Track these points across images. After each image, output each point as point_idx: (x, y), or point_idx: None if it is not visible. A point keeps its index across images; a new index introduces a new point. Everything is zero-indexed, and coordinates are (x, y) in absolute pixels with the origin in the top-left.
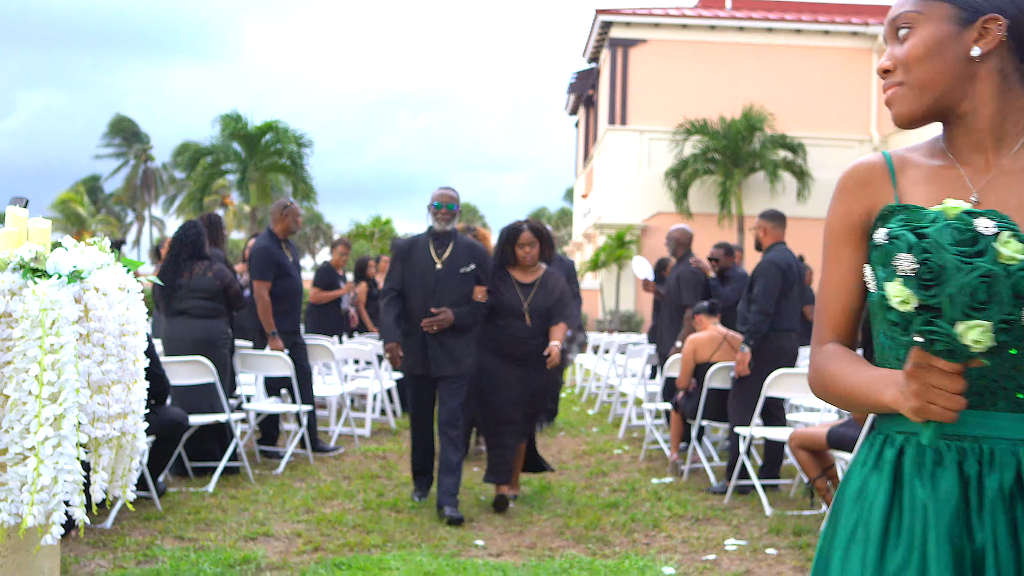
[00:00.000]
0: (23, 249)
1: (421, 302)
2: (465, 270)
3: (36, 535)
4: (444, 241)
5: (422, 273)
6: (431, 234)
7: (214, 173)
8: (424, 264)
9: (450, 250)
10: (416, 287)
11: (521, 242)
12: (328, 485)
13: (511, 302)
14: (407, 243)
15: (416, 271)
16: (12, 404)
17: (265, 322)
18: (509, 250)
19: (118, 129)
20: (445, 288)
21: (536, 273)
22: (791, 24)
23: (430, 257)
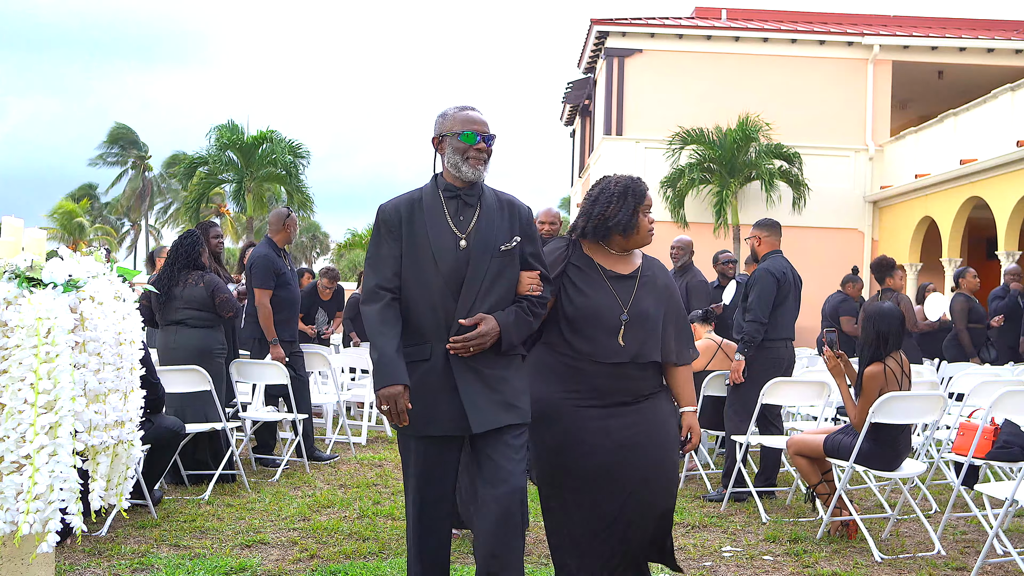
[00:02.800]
0: (19, 259)
1: (436, 307)
2: (507, 246)
3: (32, 543)
4: (468, 200)
5: (435, 257)
6: (444, 189)
7: (210, 183)
8: (438, 241)
9: (478, 214)
10: (426, 282)
11: (647, 205)
12: (324, 493)
13: (601, 305)
14: (402, 206)
15: (423, 254)
16: (7, 412)
17: (267, 330)
18: (623, 216)
19: (116, 137)
20: (477, 279)
21: (635, 261)
22: (787, 34)
23: (446, 228)
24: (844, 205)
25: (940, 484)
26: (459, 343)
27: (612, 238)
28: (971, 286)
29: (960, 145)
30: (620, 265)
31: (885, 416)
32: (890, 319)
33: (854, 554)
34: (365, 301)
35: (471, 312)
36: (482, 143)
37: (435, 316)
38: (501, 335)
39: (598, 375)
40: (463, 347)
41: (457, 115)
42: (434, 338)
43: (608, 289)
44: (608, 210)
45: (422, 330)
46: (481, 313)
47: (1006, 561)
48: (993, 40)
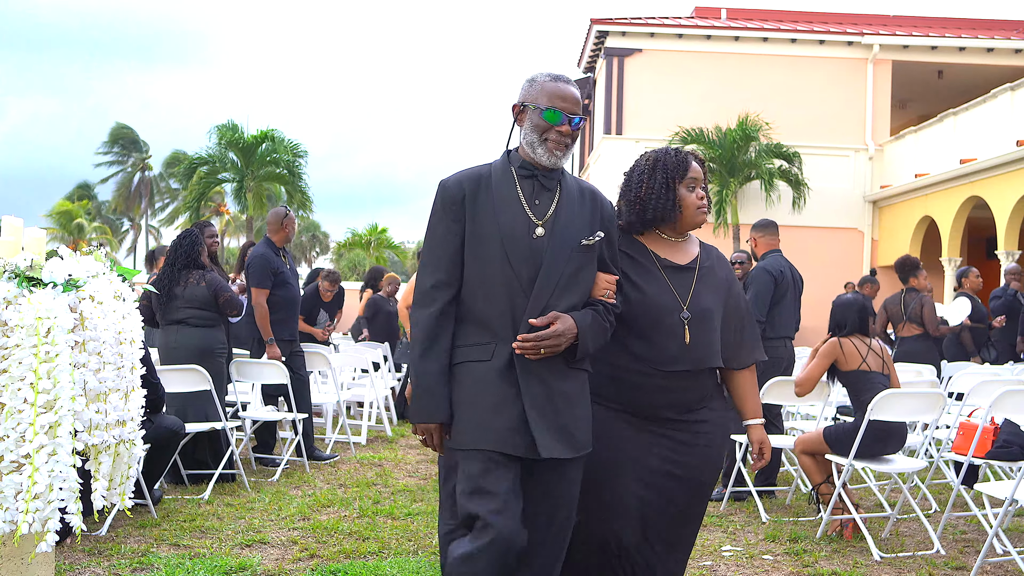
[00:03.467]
0: (18, 258)
1: (503, 303)
2: (588, 240)
3: (31, 542)
4: (546, 183)
5: (505, 244)
6: (520, 167)
7: (210, 182)
8: (509, 226)
9: (558, 200)
10: (492, 274)
11: (692, 177)
12: (324, 492)
13: (658, 301)
14: (466, 182)
15: (490, 240)
16: (7, 412)
17: (263, 329)
18: (659, 197)
19: (117, 137)
20: (553, 274)
21: (693, 249)
22: (786, 34)
23: (520, 212)
24: (844, 205)
25: (940, 483)
26: (529, 343)
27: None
28: (974, 286)
29: (960, 145)
30: (676, 254)
31: (884, 414)
32: (847, 309)
33: (854, 553)
34: (419, 303)
35: (544, 312)
36: (567, 126)
37: (501, 313)
38: (578, 339)
39: (646, 385)
40: (533, 347)
41: (546, 85)
42: (499, 338)
43: (665, 282)
44: (642, 192)
45: (485, 328)
46: (556, 311)
47: (1006, 560)
48: (993, 40)
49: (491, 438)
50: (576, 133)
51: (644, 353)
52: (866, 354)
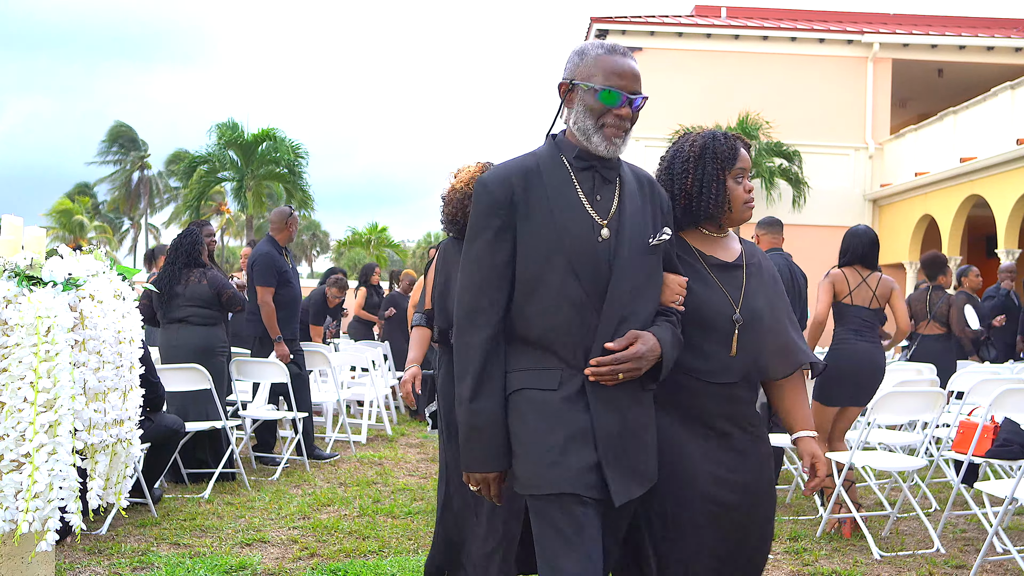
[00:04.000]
0: (18, 257)
1: (571, 321)
2: (658, 240)
3: (31, 541)
4: (607, 174)
5: (568, 251)
6: (576, 157)
7: (210, 181)
8: (572, 228)
9: (619, 193)
10: (555, 286)
11: (741, 167)
12: (324, 491)
13: (708, 303)
14: (514, 176)
15: (550, 247)
16: (7, 411)
17: (270, 328)
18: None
19: (116, 136)
20: (625, 283)
21: (735, 245)
22: (786, 32)
23: (581, 211)
24: (844, 203)
25: (940, 482)
26: (606, 368)
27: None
28: (973, 285)
29: (960, 143)
30: (721, 251)
31: (887, 413)
32: (852, 237)
33: (854, 552)
34: (464, 329)
35: (619, 330)
36: (627, 108)
37: (568, 333)
38: (661, 359)
39: (699, 396)
40: (610, 372)
41: (601, 59)
42: (565, 362)
43: (714, 282)
44: (688, 184)
45: (546, 351)
46: (633, 330)
47: (1006, 559)
48: (993, 38)
49: (568, 479)
50: (636, 116)
51: (692, 362)
52: (855, 286)
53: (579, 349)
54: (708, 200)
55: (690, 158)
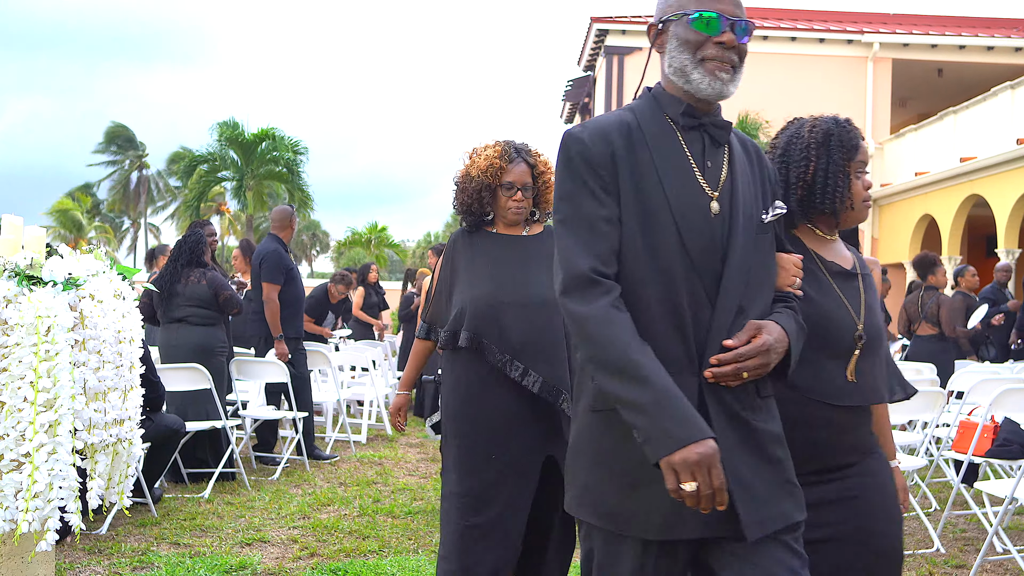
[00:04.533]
0: (18, 256)
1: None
2: (771, 216)
3: (31, 541)
4: (718, 138)
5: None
6: (683, 113)
7: (210, 180)
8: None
9: (728, 159)
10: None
11: (861, 160)
12: (324, 491)
13: (831, 315)
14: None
15: (655, 221)
16: (7, 411)
17: (273, 326)
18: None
19: (113, 136)
20: (742, 267)
21: (843, 249)
22: (786, 32)
23: (691, 179)
24: None
25: (940, 482)
26: (729, 367)
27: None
28: (970, 284)
29: (960, 143)
30: (836, 255)
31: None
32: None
33: None
34: (577, 297)
35: (736, 322)
36: (728, 34)
37: (678, 327)
38: (789, 350)
39: (815, 423)
40: (734, 373)
41: None
42: (676, 364)
43: (836, 293)
44: (809, 173)
45: (655, 350)
46: (754, 320)
47: (1006, 559)
48: (993, 38)
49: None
50: (744, 48)
51: (808, 381)
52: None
53: (691, 347)
54: (831, 193)
55: (811, 144)
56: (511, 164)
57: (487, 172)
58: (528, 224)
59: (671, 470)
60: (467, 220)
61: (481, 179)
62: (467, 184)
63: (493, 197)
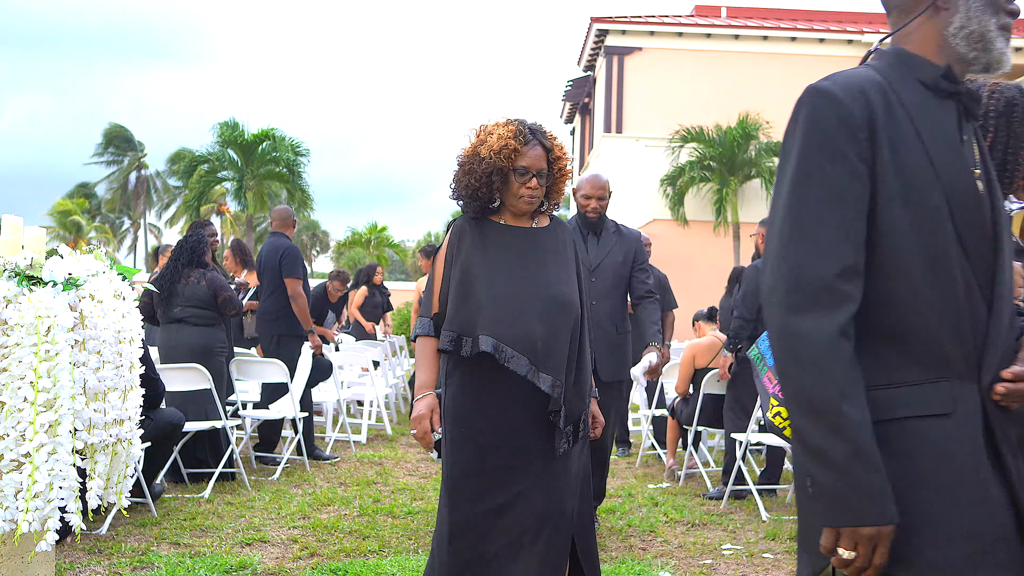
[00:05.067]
0: (18, 257)
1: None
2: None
3: (31, 541)
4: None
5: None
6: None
7: (210, 180)
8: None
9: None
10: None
11: None
12: (324, 491)
13: None
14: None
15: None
16: (7, 411)
17: (304, 320)
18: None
19: (111, 137)
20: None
21: None
22: (786, 32)
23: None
24: None
25: None
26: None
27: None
28: None
29: None
30: None
31: None
32: None
33: None
34: (807, 312)
35: (1013, 324)
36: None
37: (955, 326)
38: None
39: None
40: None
41: None
42: (953, 368)
43: None
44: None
45: (927, 353)
46: None
47: None
48: None
49: (992, 561)
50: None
51: None
52: None
53: (969, 350)
54: (1010, 170)
55: (990, 112)
56: (526, 147)
57: (500, 154)
58: (535, 215)
59: (834, 533)
60: (470, 207)
61: (493, 161)
62: (475, 165)
63: (504, 183)
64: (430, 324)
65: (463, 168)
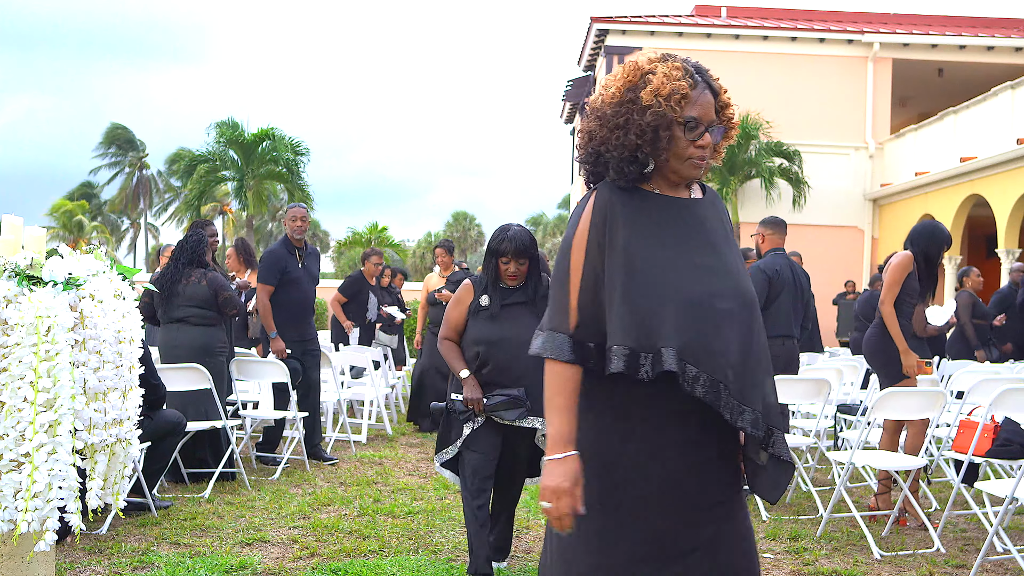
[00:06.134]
0: (18, 257)
1: None
2: None
3: (30, 541)
4: None
5: None
6: None
7: (211, 181)
8: None
9: None
10: None
11: None
12: (324, 491)
13: None
14: None
15: None
16: (7, 410)
17: (265, 323)
18: None
19: (112, 137)
20: None
21: None
22: (786, 32)
23: None
24: (844, 203)
25: (940, 482)
26: None
27: None
28: (975, 284)
29: (960, 143)
30: None
31: (887, 412)
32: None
33: (854, 552)
34: None
35: None
36: None
37: None
38: None
39: None
40: None
41: None
42: None
43: None
44: None
45: None
46: None
47: (1006, 559)
48: (993, 38)
49: None
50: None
51: None
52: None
53: None
54: None
55: None
56: (695, 91)
57: (669, 100)
58: (691, 183)
59: None
60: (624, 173)
61: (660, 110)
62: (634, 116)
63: (671, 140)
64: (567, 342)
65: (613, 120)
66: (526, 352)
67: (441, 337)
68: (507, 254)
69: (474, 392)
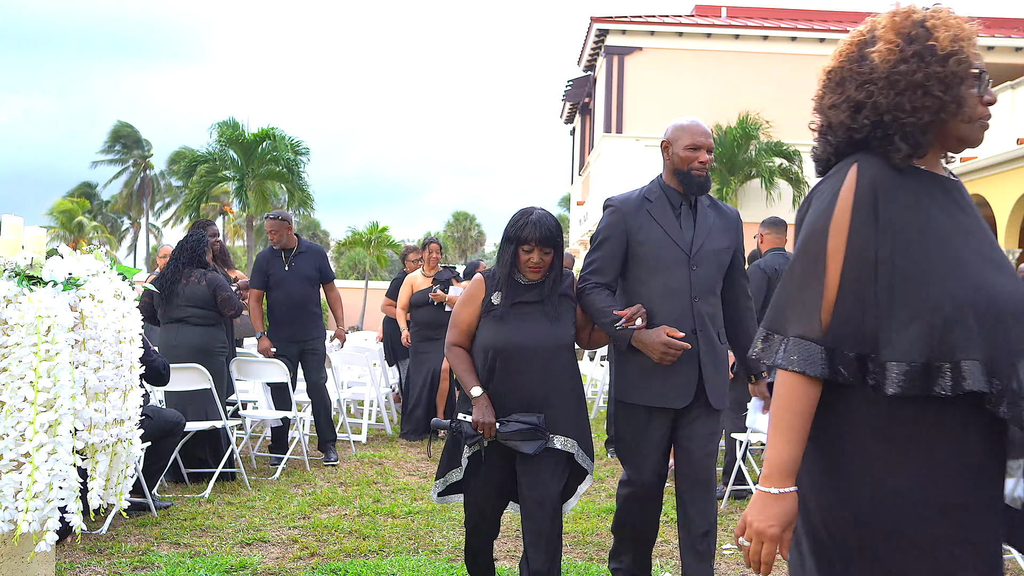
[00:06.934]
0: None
1: None
2: None
3: (31, 541)
4: None
5: None
6: None
7: (211, 181)
8: None
9: None
10: None
11: None
12: (324, 491)
13: None
14: None
15: None
16: (7, 410)
17: (253, 324)
18: None
19: (118, 136)
20: None
21: None
22: (786, 32)
23: None
24: None
25: None
26: None
27: None
28: None
29: None
30: None
31: None
32: None
33: None
34: None
35: None
36: None
37: None
38: None
39: None
40: None
41: None
42: None
43: None
44: None
45: None
46: None
47: (1006, 559)
48: (993, 38)
49: None
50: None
51: None
52: None
53: None
54: None
55: None
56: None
57: (971, 44)
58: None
59: None
60: (916, 146)
61: (964, 56)
62: (937, 67)
63: (958, 105)
64: (820, 353)
65: (907, 79)
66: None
67: (449, 343)
68: (530, 241)
69: (486, 415)
